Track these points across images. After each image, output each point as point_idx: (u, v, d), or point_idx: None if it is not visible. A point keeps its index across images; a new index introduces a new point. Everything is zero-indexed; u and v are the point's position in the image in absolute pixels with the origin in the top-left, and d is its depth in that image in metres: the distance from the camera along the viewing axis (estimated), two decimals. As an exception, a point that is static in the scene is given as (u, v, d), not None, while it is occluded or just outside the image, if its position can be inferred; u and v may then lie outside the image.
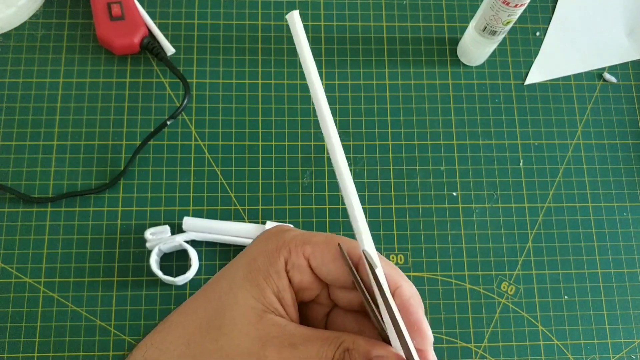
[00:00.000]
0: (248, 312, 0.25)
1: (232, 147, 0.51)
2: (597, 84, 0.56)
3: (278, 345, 0.24)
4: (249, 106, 0.52)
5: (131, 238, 0.48)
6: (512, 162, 0.53)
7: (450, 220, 0.51)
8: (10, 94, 0.51)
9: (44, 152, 0.50)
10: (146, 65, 0.53)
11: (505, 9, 0.46)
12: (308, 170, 0.51)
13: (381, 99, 0.54)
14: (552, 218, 0.52)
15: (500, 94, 0.55)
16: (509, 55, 0.56)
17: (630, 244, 0.51)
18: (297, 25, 0.25)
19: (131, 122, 0.51)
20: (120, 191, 0.49)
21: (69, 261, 0.47)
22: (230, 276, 0.26)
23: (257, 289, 0.25)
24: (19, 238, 0.48)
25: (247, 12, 0.55)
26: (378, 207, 0.51)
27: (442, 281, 0.49)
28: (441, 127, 0.53)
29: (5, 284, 0.47)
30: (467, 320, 0.49)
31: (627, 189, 0.53)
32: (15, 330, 0.46)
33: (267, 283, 0.25)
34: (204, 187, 0.50)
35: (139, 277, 0.47)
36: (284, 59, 0.54)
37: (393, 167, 0.52)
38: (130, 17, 0.51)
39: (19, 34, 0.53)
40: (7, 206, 0.48)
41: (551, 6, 0.58)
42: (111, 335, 0.46)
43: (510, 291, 0.49)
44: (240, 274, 0.26)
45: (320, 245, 0.26)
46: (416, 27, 0.56)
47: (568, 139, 0.54)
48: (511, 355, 0.48)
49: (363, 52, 0.55)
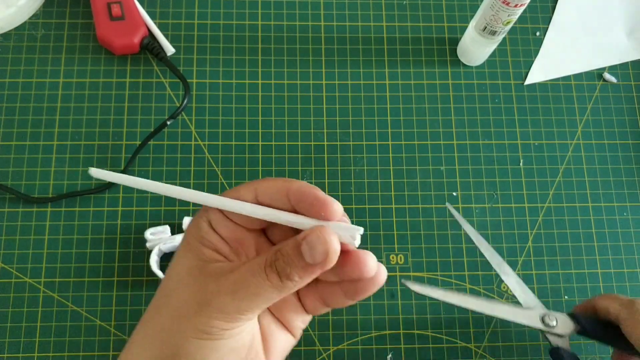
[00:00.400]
0: (191, 270, 0.27)
1: (232, 147, 0.51)
2: (597, 84, 0.56)
3: (216, 279, 0.26)
4: (249, 106, 0.52)
5: (131, 238, 0.48)
6: (512, 162, 0.53)
7: (450, 220, 0.51)
8: (10, 94, 0.51)
9: (44, 152, 0.50)
10: (146, 65, 0.53)
11: (505, 9, 0.46)
12: (308, 170, 0.51)
13: (381, 99, 0.54)
14: (552, 218, 0.52)
15: (500, 94, 0.55)
16: (509, 55, 0.56)
17: (630, 244, 0.51)
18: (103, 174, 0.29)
19: (131, 122, 0.51)
20: (120, 191, 0.49)
21: (69, 261, 0.47)
22: (175, 255, 0.29)
23: (194, 252, 0.28)
24: (19, 238, 0.48)
25: (247, 12, 0.55)
26: (378, 207, 0.51)
27: (442, 281, 0.49)
28: (441, 127, 0.53)
29: (5, 284, 0.47)
30: (467, 320, 0.49)
31: (627, 189, 0.53)
32: (15, 330, 0.46)
33: (203, 244, 0.28)
34: (204, 187, 0.50)
35: (139, 277, 0.47)
36: (284, 59, 0.54)
37: (393, 167, 0.52)
38: (130, 17, 0.51)
39: (19, 33, 0.53)
40: (7, 206, 0.48)
41: (551, 6, 0.58)
42: (111, 335, 0.46)
43: (510, 291, 0.49)
44: (181, 252, 0.29)
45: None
46: (416, 27, 0.56)
47: (568, 139, 0.54)
48: (511, 355, 0.48)
49: (363, 52, 0.55)
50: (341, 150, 0.52)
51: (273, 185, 0.28)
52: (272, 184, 0.28)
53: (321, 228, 0.26)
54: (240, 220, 0.29)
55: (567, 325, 0.42)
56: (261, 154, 0.51)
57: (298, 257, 0.26)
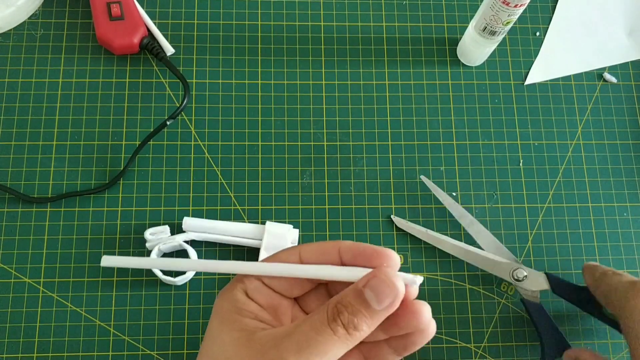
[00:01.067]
0: (238, 343, 0.26)
1: (232, 147, 0.51)
2: (597, 84, 0.56)
3: (274, 345, 0.25)
4: (249, 106, 0.52)
5: (131, 238, 0.48)
6: (512, 162, 0.53)
7: (450, 220, 0.50)
8: (9, 94, 0.51)
9: (43, 152, 0.50)
10: (146, 66, 0.53)
11: (505, 9, 0.46)
12: (308, 170, 0.51)
13: (381, 99, 0.53)
14: (552, 218, 0.51)
15: (500, 94, 0.55)
16: (509, 55, 0.56)
17: (630, 244, 0.51)
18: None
19: (131, 122, 0.51)
20: (119, 191, 0.49)
21: (68, 261, 0.47)
22: (209, 334, 0.28)
23: (233, 325, 0.27)
24: (18, 238, 0.48)
25: (247, 12, 0.55)
26: (378, 207, 0.51)
27: (442, 281, 0.49)
28: (441, 127, 0.53)
29: (4, 284, 0.47)
30: (467, 320, 0.48)
31: (627, 189, 0.53)
32: (14, 330, 0.46)
33: (242, 315, 0.27)
34: (203, 187, 0.50)
35: (139, 277, 0.47)
36: (284, 59, 0.54)
37: (393, 167, 0.52)
38: (129, 17, 0.51)
39: (18, 33, 0.53)
40: (6, 206, 0.48)
41: (551, 6, 0.58)
42: (110, 335, 0.46)
43: (510, 291, 0.49)
44: (215, 324, 0.27)
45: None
46: (416, 27, 0.56)
47: (568, 139, 0.54)
48: (511, 355, 0.48)
49: (363, 52, 0.55)
50: (341, 150, 0.52)
51: (318, 247, 0.28)
52: (317, 246, 0.28)
53: (382, 270, 0.25)
54: (280, 288, 0.28)
55: (538, 282, 0.47)
56: (261, 154, 0.51)
57: (363, 305, 0.25)
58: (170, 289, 0.47)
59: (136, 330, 0.46)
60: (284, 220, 0.50)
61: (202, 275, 0.48)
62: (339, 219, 0.50)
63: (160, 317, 0.47)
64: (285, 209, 0.50)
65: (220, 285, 0.48)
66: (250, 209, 0.50)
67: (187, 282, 0.47)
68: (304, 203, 0.50)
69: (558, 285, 0.46)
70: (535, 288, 0.47)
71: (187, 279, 0.47)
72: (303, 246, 0.28)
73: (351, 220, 0.50)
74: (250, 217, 0.50)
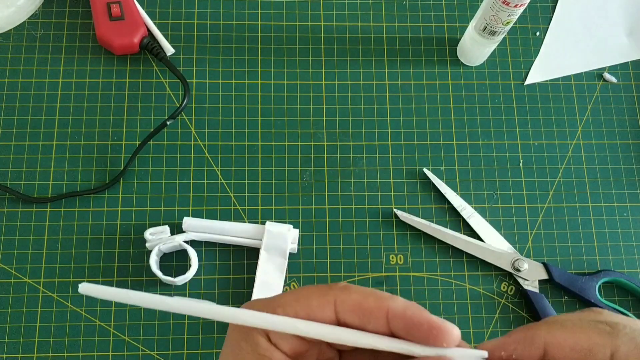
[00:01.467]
0: None
1: (232, 147, 0.51)
2: (597, 84, 0.56)
3: None
4: (249, 106, 0.52)
5: (131, 238, 0.48)
6: (512, 162, 0.53)
7: (449, 220, 0.50)
8: (9, 94, 0.51)
9: (43, 152, 0.50)
10: (146, 65, 0.53)
11: (505, 9, 0.46)
12: (308, 170, 0.51)
13: (381, 99, 0.53)
14: (552, 218, 0.51)
15: (500, 94, 0.55)
16: (509, 55, 0.56)
17: (630, 244, 0.51)
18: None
19: (131, 122, 0.51)
20: (119, 191, 0.49)
21: (68, 261, 0.47)
22: None
23: None
24: (18, 238, 0.48)
25: (247, 12, 0.55)
26: (378, 207, 0.51)
27: (442, 281, 0.49)
28: (441, 127, 0.53)
29: (4, 284, 0.47)
30: (467, 320, 0.48)
31: (627, 189, 0.53)
32: (14, 330, 0.46)
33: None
34: (203, 187, 0.50)
35: (139, 277, 0.47)
36: (284, 59, 0.54)
37: (393, 167, 0.52)
38: (129, 17, 0.51)
39: (18, 33, 0.53)
40: (6, 206, 0.48)
41: (551, 6, 0.58)
42: (110, 335, 0.46)
43: (510, 291, 0.49)
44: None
45: (286, 309, 0.24)
46: (416, 27, 0.56)
47: (568, 139, 0.54)
48: (511, 356, 0.48)
49: (363, 52, 0.55)
50: (341, 150, 0.52)
51: (361, 303, 0.23)
52: (359, 301, 0.23)
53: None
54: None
55: (536, 272, 0.49)
56: (261, 154, 0.51)
57: None
58: (171, 289, 0.47)
59: (136, 330, 0.46)
60: (284, 220, 0.50)
61: (202, 275, 0.48)
62: (339, 219, 0.50)
63: (160, 317, 0.47)
64: (285, 209, 0.50)
65: (221, 286, 0.48)
66: (250, 209, 0.50)
67: (187, 282, 0.47)
68: (304, 203, 0.50)
69: (557, 274, 0.48)
70: (534, 278, 0.48)
71: (187, 279, 0.47)
72: (339, 295, 0.23)
73: (351, 220, 0.50)
74: (250, 217, 0.50)
